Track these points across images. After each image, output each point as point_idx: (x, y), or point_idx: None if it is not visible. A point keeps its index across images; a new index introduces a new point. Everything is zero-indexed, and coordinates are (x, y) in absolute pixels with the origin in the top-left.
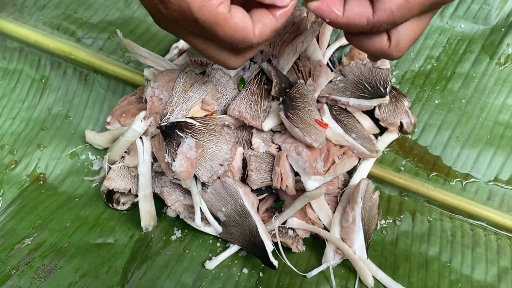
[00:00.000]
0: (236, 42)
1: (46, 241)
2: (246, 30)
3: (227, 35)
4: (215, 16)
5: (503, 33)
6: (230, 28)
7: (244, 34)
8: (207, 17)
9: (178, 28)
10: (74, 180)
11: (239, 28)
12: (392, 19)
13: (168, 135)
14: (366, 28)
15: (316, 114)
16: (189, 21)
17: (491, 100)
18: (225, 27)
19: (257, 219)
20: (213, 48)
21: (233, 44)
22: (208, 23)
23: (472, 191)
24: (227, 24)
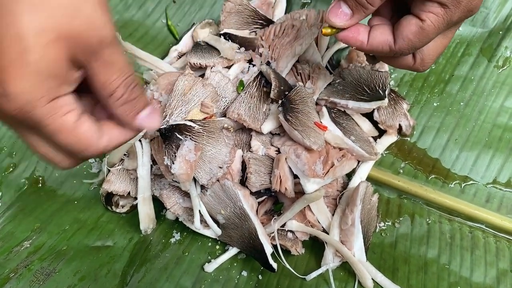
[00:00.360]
0: (77, 151)
1: (45, 244)
2: (91, 142)
3: (68, 143)
4: (60, 123)
5: (501, 36)
6: (73, 138)
7: (87, 143)
8: (51, 122)
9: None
10: (73, 183)
11: (84, 138)
12: (412, 44)
13: (167, 138)
14: (390, 54)
15: (315, 117)
16: (28, 122)
17: (490, 103)
18: (69, 135)
19: (256, 221)
20: (49, 148)
21: (73, 151)
22: (51, 128)
23: (470, 193)
24: (72, 134)
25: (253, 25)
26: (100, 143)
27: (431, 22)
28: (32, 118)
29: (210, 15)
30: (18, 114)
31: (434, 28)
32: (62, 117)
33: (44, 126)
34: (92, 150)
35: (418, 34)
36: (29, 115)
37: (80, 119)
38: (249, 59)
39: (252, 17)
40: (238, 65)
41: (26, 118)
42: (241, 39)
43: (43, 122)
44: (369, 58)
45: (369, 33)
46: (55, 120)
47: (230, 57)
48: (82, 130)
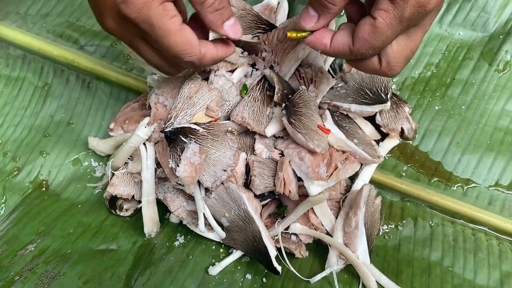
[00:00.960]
0: (181, 53)
1: (49, 248)
2: (193, 45)
3: (176, 45)
4: (169, 25)
5: (501, 40)
6: (180, 38)
7: (190, 47)
8: (162, 23)
9: (128, 30)
10: (76, 186)
11: (188, 41)
12: (368, 44)
13: (172, 141)
14: (351, 55)
15: (318, 120)
16: (144, 24)
17: (491, 106)
18: (176, 36)
19: (260, 224)
20: (156, 55)
21: (178, 54)
22: (162, 30)
23: (473, 196)
24: (178, 34)
25: (256, 29)
26: (200, 50)
27: (382, 19)
28: (148, 20)
29: None
30: (137, 17)
31: (386, 24)
32: (170, 19)
33: (157, 28)
34: (193, 53)
35: (372, 32)
36: (145, 17)
37: (183, 24)
38: (252, 63)
39: (255, 22)
40: (241, 69)
41: (143, 21)
42: (244, 44)
43: (156, 24)
44: None
45: (332, 37)
46: (165, 22)
47: (234, 61)
48: (186, 33)
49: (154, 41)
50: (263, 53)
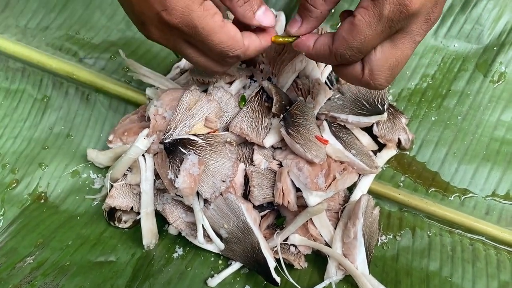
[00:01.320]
0: (227, 49)
1: (48, 260)
2: (237, 39)
3: (221, 42)
4: (212, 24)
5: (495, 52)
6: (224, 35)
7: (235, 42)
8: (205, 24)
9: (172, 36)
10: (75, 198)
11: (231, 36)
12: (346, 43)
13: (171, 152)
14: (331, 56)
15: (316, 131)
16: (187, 28)
17: (486, 117)
18: (220, 33)
19: (259, 235)
20: (202, 56)
21: (224, 51)
22: (206, 30)
23: (470, 206)
24: (222, 31)
25: None
26: (244, 43)
27: (361, 16)
28: (190, 24)
29: None
30: (180, 22)
31: (364, 22)
32: (212, 17)
33: (200, 29)
34: (238, 48)
35: (350, 30)
36: (188, 21)
37: (224, 20)
38: (250, 75)
39: None
40: (240, 80)
41: (186, 25)
42: None
43: (199, 26)
44: None
45: (316, 39)
46: (208, 21)
47: (232, 73)
48: (229, 28)
49: (199, 42)
50: (261, 65)
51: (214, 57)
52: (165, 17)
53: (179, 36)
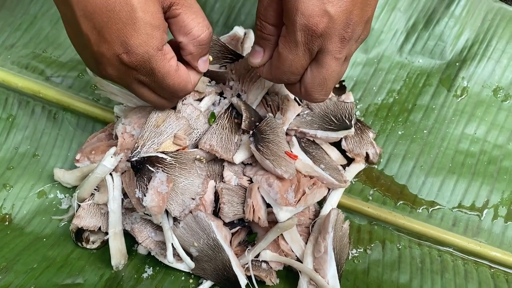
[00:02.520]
0: (178, 90)
1: (12, 284)
2: (188, 81)
3: (174, 84)
4: (168, 68)
5: (457, 67)
6: (177, 78)
7: (186, 83)
8: (162, 67)
9: (127, 75)
10: (41, 219)
11: (184, 79)
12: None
13: (138, 170)
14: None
15: (285, 146)
16: (145, 70)
17: (451, 130)
18: (174, 77)
19: (230, 253)
20: (153, 94)
21: (176, 91)
22: (162, 73)
23: (438, 218)
24: (176, 74)
25: (223, 59)
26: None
27: (282, 44)
28: (148, 67)
29: None
30: (138, 65)
31: (286, 49)
32: (168, 62)
33: (157, 72)
34: (188, 88)
35: (278, 58)
36: (146, 64)
37: (178, 63)
38: (220, 92)
39: (222, 52)
40: (209, 97)
41: (144, 67)
42: (212, 73)
43: (156, 69)
44: (336, 90)
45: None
46: (164, 65)
47: (201, 90)
48: (181, 72)
49: (154, 83)
50: (230, 82)
51: (166, 96)
52: (124, 59)
53: (135, 76)
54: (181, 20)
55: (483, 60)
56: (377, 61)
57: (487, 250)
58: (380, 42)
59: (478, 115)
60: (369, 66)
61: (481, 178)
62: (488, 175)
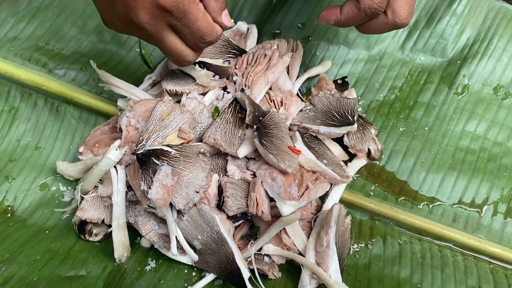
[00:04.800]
0: (206, 34)
1: (15, 275)
2: (214, 26)
3: (203, 27)
4: (197, 11)
5: (459, 65)
6: (205, 22)
7: (212, 28)
8: (193, 10)
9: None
10: (44, 212)
11: (210, 23)
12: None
13: (144, 163)
14: (360, 13)
15: (289, 141)
16: (178, 12)
17: (452, 127)
18: (203, 20)
19: (233, 246)
20: (180, 41)
21: (203, 36)
22: (193, 15)
23: (438, 214)
24: (204, 18)
25: (227, 54)
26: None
27: None
28: (182, 8)
29: None
30: (173, 6)
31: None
32: (197, 5)
33: (189, 13)
34: (214, 32)
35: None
36: (180, 5)
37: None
38: (224, 87)
39: (226, 47)
40: (213, 91)
41: (178, 9)
42: (216, 68)
43: (188, 11)
44: (338, 86)
45: (341, 10)
46: (195, 8)
47: (206, 84)
48: (207, 17)
49: (185, 26)
50: (234, 76)
51: (193, 41)
52: (161, 1)
53: (168, 20)
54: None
55: (484, 59)
56: (379, 58)
57: (486, 246)
58: (382, 39)
59: (478, 113)
60: (371, 63)
61: (481, 175)
62: (488, 172)
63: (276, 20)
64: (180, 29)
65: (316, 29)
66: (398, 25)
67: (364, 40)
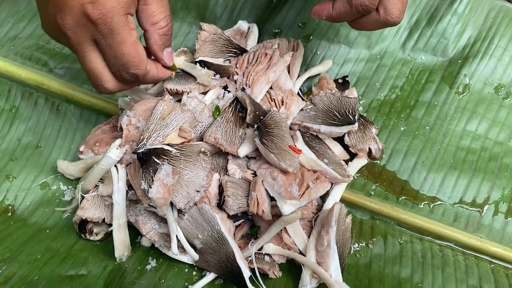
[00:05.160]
0: (130, 63)
1: (16, 274)
2: (143, 60)
3: (129, 54)
4: (127, 36)
5: (460, 64)
6: (134, 50)
7: (140, 61)
8: (122, 31)
9: (84, 30)
10: (44, 211)
11: (139, 54)
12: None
13: (144, 162)
14: (352, 10)
15: (289, 140)
16: (105, 27)
17: (453, 127)
18: (131, 47)
19: (234, 245)
20: (101, 63)
21: (127, 64)
22: (121, 37)
23: (439, 213)
24: (133, 46)
25: (227, 53)
26: (146, 65)
27: None
28: (109, 25)
29: (184, 43)
30: (100, 19)
31: None
32: (129, 30)
33: (116, 34)
34: (140, 67)
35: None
36: (108, 21)
37: (137, 39)
38: (224, 86)
39: (226, 46)
40: (214, 91)
41: (105, 24)
42: (216, 67)
43: (115, 30)
44: (339, 85)
45: (333, 4)
46: (125, 31)
47: (206, 83)
48: (139, 47)
49: (109, 46)
50: (234, 76)
51: (115, 67)
52: (89, 9)
53: (92, 33)
54: (151, 9)
55: (485, 58)
56: (380, 57)
57: (487, 246)
58: (383, 38)
59: (479, 112)
60: (372, 62)
61: (482, 174)
62: (489, 172)
63: (276, 19)
64: (104, 48)
65: (316, 28)
66: (389, 23)
67: (365, 39)
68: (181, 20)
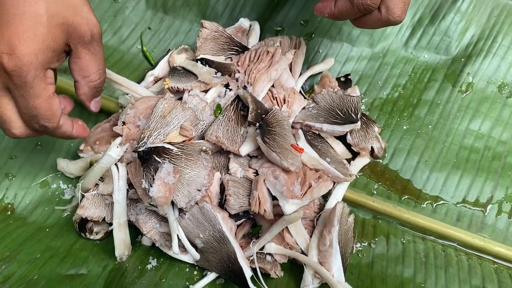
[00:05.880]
0: (41, 117)
1: (15, 274)
2: (55, 114)
3: (40, 108)
4: (41, 91)
5: (463, 63)
6: (46, 104)
7: (52, 115)
8: (36, 87)
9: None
10: (44, 210)
11: (52, 109)
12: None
13: (145, 160)
14: (353, 9)
15: (291, 139)
16: (19, 80)
17: (456, 126)
18: (44, 101)
19: (235, 244)
20: (12, 110)
21: (37, 117)
22: (34, 91)
23: (442, 213)
24: (47, 101)
25: (229, 51)
26: (59, 121)
27: None
28: (24, 78)
29: (185, 41)
30: (15, 72)
31: None
32: (45, 86)
33: (30, 87)
34: (51, 121)
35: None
36: (24, 74)
37: (54, 94)
38: (226, 84)
39: (228, 43)
40: (215, 89)
41: (19, 76)
42: (218, 65)
43: (30, 84)
44: (341, 84)
45: (335, 1)
46: (39, 85)
47: (208, 81)
48: (54, 102)
49: (21, 96)
50: (236, 74)
51: (26, 116)
52: (4, 60)
53: (4, 82)
54: (84, 64)
55: (489, 56)
56: (383, 55)
57: (490, 246)
58: (386, 36)
59: (482, 111)
60: (375, 60)
61: (485, 174)
62: (492, 171)
63: (278, 17)
64: (16, 97)
65: (319, 26)
66: (391, 22)
67: (367, 38)
68: (182, 18)
